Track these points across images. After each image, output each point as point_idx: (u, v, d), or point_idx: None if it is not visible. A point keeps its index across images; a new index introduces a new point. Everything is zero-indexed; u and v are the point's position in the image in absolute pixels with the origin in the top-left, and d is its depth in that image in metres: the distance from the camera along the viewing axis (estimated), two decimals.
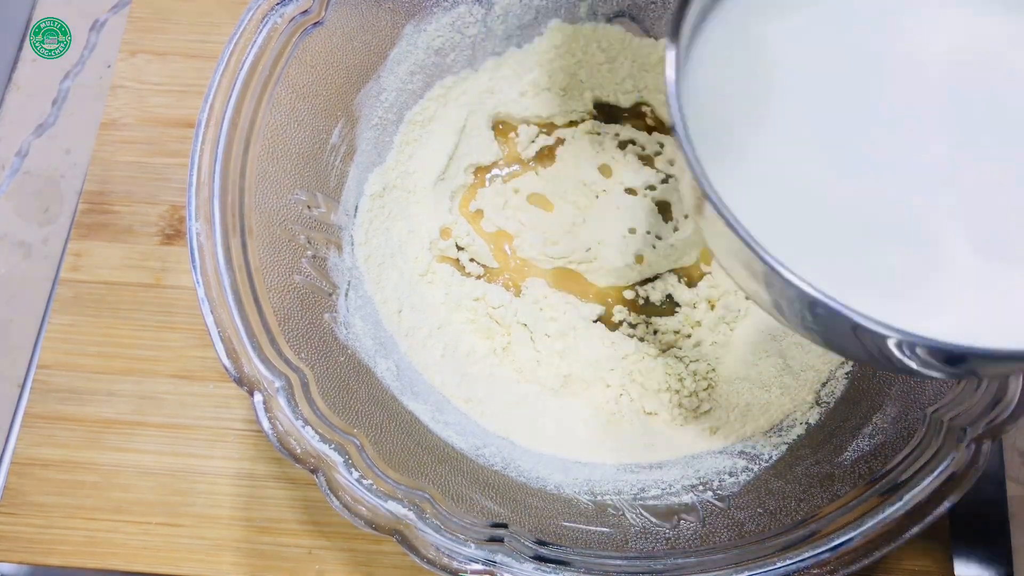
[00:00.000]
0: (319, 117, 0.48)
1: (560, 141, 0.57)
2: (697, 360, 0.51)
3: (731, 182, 0.33)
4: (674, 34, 0.33)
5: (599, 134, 0.56)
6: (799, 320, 0.33)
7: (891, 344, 0.30)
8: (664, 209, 0.54)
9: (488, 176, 0.56)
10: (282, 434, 0.39)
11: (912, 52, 0.37)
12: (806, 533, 0.40)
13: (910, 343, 0.29)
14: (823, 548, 0.39)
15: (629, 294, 0.53)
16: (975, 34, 0.37)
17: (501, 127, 0.57)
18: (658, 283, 0.53)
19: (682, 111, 0.32)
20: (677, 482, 0.46)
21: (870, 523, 0.39)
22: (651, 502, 0.45)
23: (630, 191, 0.55)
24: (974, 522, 0.50)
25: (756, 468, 0.46)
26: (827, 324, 0.31)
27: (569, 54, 0.56)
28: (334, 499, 0.39)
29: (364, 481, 0.39)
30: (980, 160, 0.35)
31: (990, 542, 0.50)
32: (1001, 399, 0.40)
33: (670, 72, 0.32)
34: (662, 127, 0.57)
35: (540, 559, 0.39)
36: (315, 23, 0.46)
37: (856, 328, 0.29)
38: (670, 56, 0.33)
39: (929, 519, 0.39)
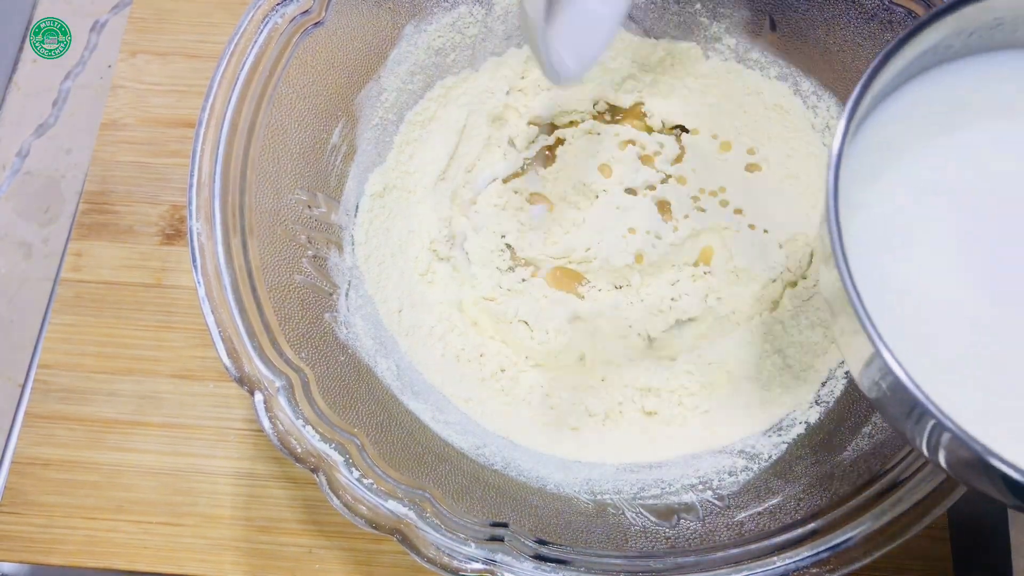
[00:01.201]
0: (319, 117, 0.48)
1: (560, 141, 0.57)
2: (697, 360, 0.51)
3: (879, 298, 0.32)
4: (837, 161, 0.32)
5: (599, 134, 0.56)
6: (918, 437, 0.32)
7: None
8: (664, 209, 0.55)
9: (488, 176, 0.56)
10: (283, 433, 0.39)
11: None
12: (806, 532, 0.40)
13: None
14: (823, 547, 0.39)
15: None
16: None
17: (501, 127, 0.57)
18: (658, 282, 0.53)
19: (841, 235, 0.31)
20: (677, 481, 0.46)
21: (869, 522, 0.39)
22: (651, 501, 0.45)
23: (630, 191, 0.55)
24: (974, 522, 0.50)
25: (756, 467, 0.46)
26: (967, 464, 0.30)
27: None
28: (335, 498, 0.39)
29: (364, 480, 0.39)
30: None
31: (990, 543, 0.50)
32: None
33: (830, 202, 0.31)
34: (661, 127, 0.57)
35: (540, 558, 0.39)
36: (315, 23, 0.46)
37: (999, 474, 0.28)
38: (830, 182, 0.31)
39: (929, 519, 0.39)
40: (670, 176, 0.55)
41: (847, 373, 0.48)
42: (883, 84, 0.34)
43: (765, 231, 0.53)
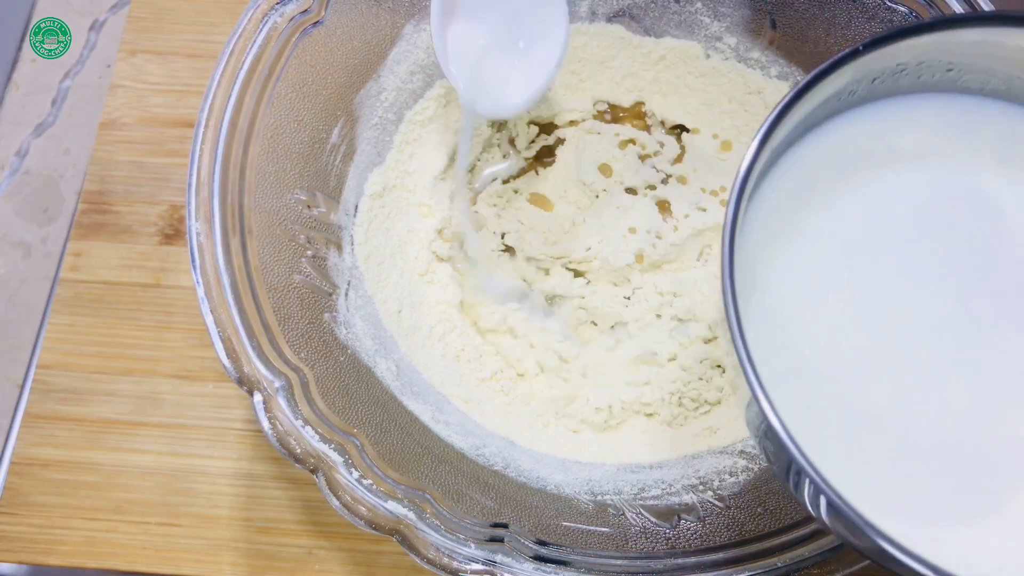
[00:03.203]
0: (319, 117, 0.48)
1: (560, 141, 0.57)
2: (698, 360, 0.50)
3: (781, 375, 0.31)
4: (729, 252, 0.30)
5: (599, 134, 0.56)
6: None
7: None
8: (664, 208, 0.54)
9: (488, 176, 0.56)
10: (282, 434, 0.39)
11: (992, 225, 0.34)
12: (807, 533, 0.40)
13: None
14: (824, 548, 0.39)
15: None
16: None
17: (501, 127, 0.57)
18: (659, 282, 0.53)
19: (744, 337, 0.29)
20: (677, 482, 0.46)
21: None
22: (651, 502, 0.45)
23: (630, 191, 0.55)
24: None
25: (756, 468, 0.46)
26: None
27: (570, 53, 0.56)
28: (334, 499, 0.39)
29: (364, 481, 0.39)
30: None
31: None
32: None
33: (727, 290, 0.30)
34: (662, 126, 0.57)
35: (540, 559, 0.39)
36: (315, 23, 0.46)
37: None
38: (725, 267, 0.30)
39: None
40: (670, 176, 0.55)
41: None
42: (785, 133, 0.34)
43: None
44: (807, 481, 0.28)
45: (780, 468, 0.31)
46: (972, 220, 0.35)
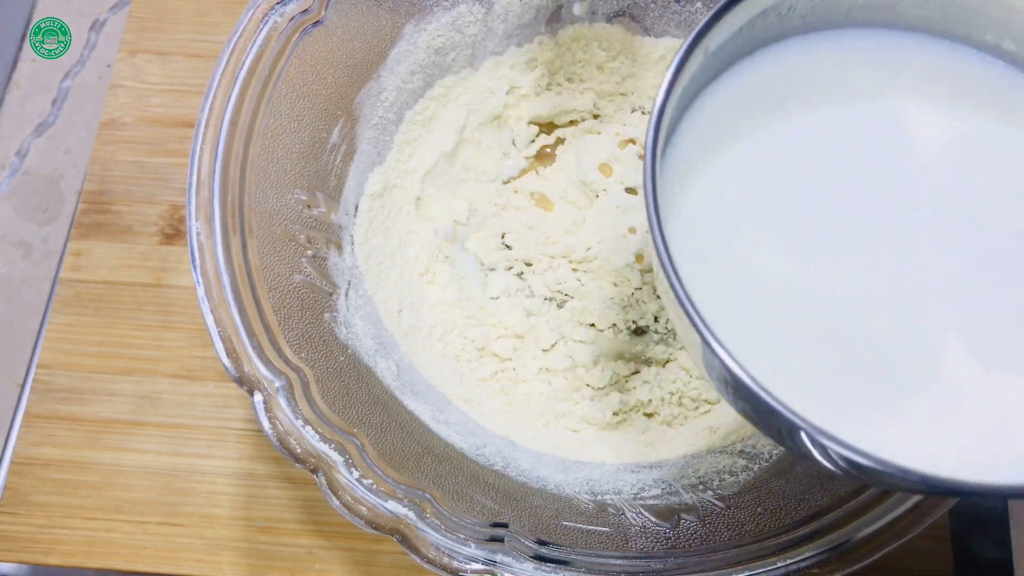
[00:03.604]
0: (319, 116, 0.48)
1: (560, 141, 0.57)
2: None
3: (711, 291, 0.32)
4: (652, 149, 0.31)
5: (599, 133, 0.56)
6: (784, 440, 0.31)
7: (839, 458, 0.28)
8: None
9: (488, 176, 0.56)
10: (282, 434, 0.39)
11: (909, 149, 0.36)
12: (806, 533, 0.40)
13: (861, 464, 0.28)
14: (823, 548, 0.39)
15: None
16: (977, 130, 0.36)
17: (501, 127, 0.57)
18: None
19: (660, 218, 0.30)
20: (677, 481, 0.46)
21: (870, 523, 0.39)
22: (651, 501, 0.45)
23: (630, 190, 0.55)
24: (974, 523, 0.50)
25: (756, 467, 0.46)
26: (811, 451, 0.30)
27: (569, 54, 0.56)
28: (334, 499, 0.39)
29: (364, 481, 0.39)
30: (983, 265, 0.34)
31: (990, 543, 0.50)
32: None
33: (648, 186, 0.31)
34: None
35: (540, 559, 0.39)
36: (315, 22, 0.46)
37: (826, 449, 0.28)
38: (647, 171, 0.31)
39: (929, 519, 0.39)
40: None
41: None
42: (722, 42, 0.34)
43: None
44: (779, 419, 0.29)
45: (761, 420, 0.32)
46: (890, 148, 0.36)
